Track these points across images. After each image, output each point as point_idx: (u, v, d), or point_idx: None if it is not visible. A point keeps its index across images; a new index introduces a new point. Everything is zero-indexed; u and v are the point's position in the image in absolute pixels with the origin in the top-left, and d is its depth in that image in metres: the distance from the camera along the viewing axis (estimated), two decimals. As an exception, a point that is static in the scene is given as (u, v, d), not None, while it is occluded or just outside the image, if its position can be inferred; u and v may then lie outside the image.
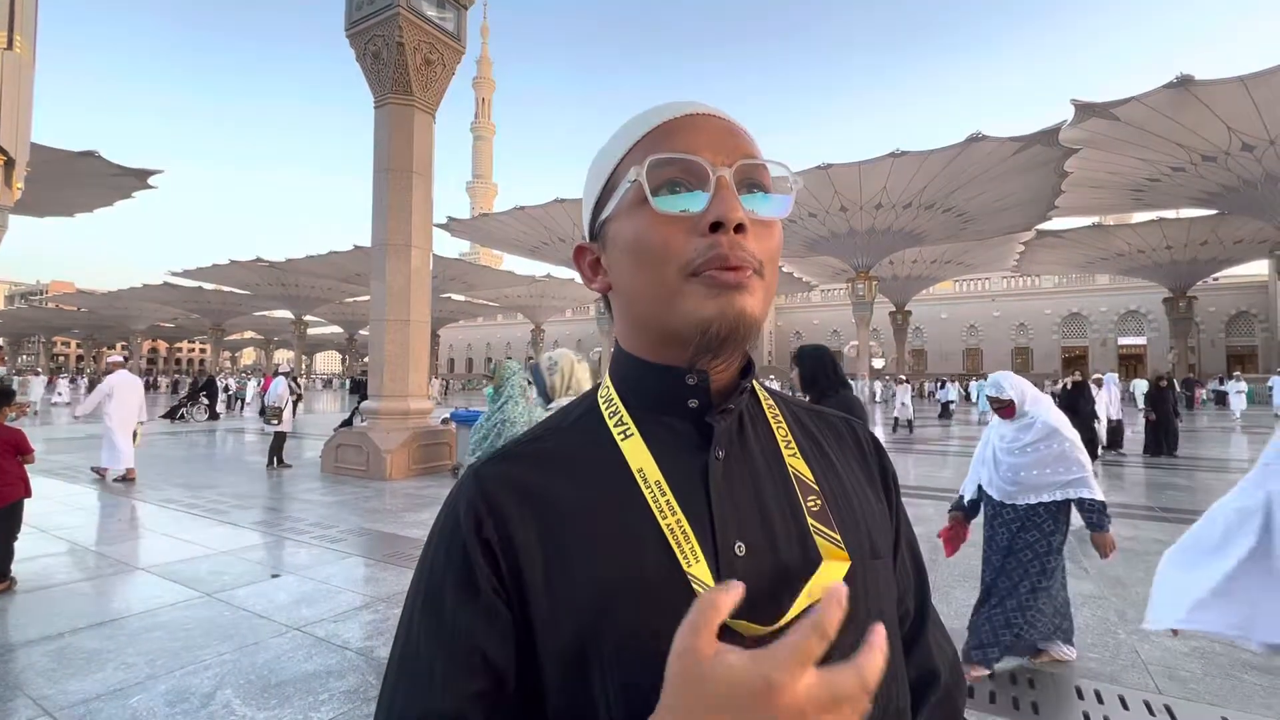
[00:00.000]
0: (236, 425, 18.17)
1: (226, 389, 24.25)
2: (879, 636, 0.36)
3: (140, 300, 54.24)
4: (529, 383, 3.12)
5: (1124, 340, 47.39)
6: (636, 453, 0.52)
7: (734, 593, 0.37)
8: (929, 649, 0.60)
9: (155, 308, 57.36)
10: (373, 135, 9.62)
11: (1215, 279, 40.82)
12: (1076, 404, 9.42)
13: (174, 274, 46.18)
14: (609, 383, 0.58)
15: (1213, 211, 27.80)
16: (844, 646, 0.48)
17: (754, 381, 0.60)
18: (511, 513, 0.50)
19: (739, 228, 0.48)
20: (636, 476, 0.51)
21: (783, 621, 0.46)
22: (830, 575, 0.49)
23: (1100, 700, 2.80)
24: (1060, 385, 9.86)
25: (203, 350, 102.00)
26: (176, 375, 58.35)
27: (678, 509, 0.49)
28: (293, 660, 3.12)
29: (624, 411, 0.55)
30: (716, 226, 0.48)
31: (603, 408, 0.57)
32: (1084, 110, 21.53)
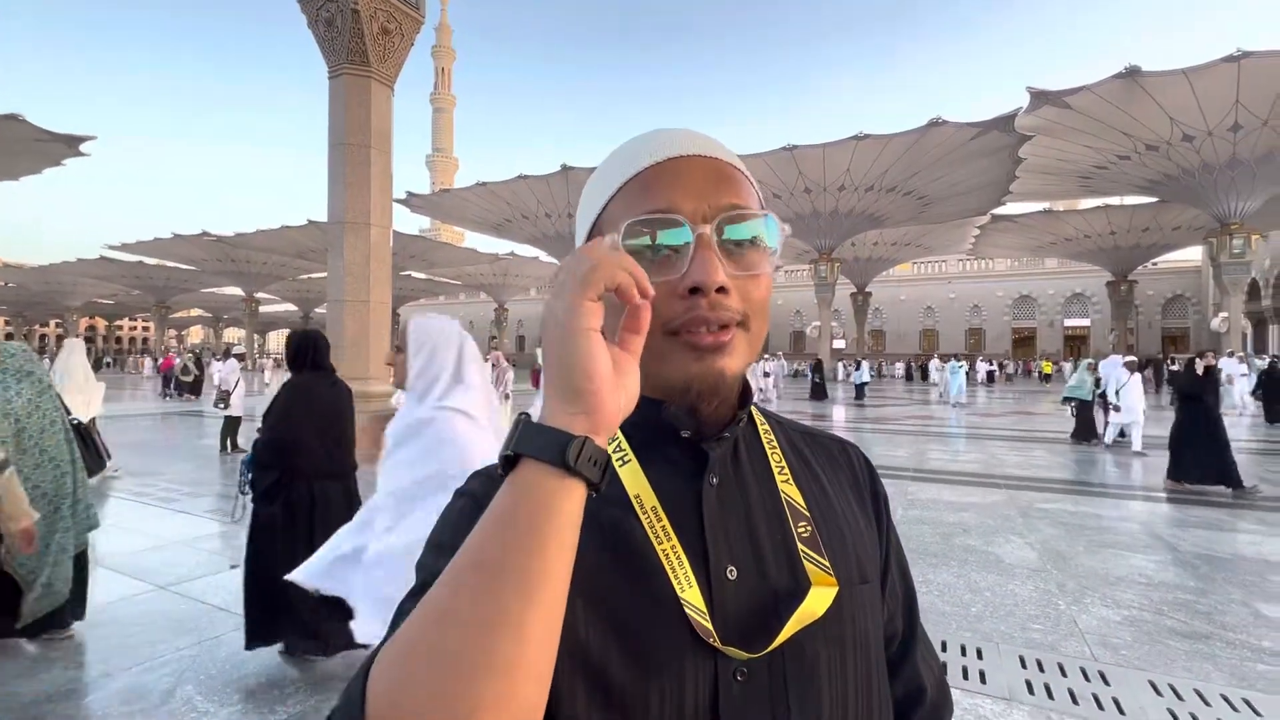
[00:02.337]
0: (183, 408, 17.47)
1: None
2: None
3: (75, 275, 51.17)
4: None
5: (1069, 321, 49.57)
6: (634, 479, 0.53)
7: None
8: (917, 666, 0.62)
9: (92, 283, 54.18)
10: (327, 107, 9.21)
11: (1154, 264, 42.91)
12: (1203, 393, 7.45)
13: (111, 248, 43.66)
14: None
15: (1154, 199, 29.12)
16: (832, 670, 0.51)
17: (751, 407, 0.60)
18: None
19: (720, 289, 0.48)
20: (633, 502, 0.52)
21: (772, 647, 0.48)
22: (818, 601, 0.50)
23: (1041, 669, 2.98)
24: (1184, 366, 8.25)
25: (146, 328, 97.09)
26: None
27: (672, 535, 0.50)
28: (256, 654, 3.06)
29: (622, 438, 0.55)
30: (695, 290, 0.48)
31: None
32: (1039, 98, 22.13)
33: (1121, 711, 2.61)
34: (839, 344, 44.38)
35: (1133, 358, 10.43)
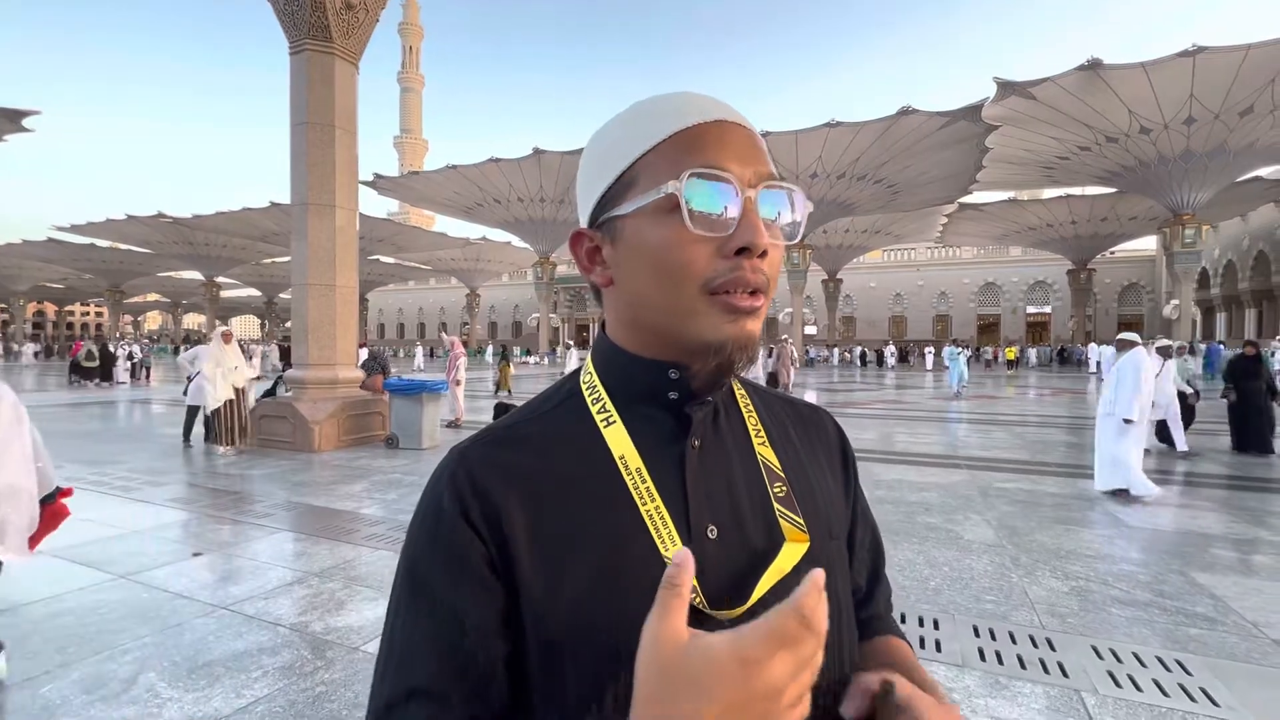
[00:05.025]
0: (144, 396, 16.91)
1: (130, 356, 22.48)
2: (818, 576, 0.38)
3: (19, 258, 48.77)
4: None
5: (1031, 309, 51.03)
6: (618, 440, 0.54)
7: (688, 569, 0.38)
8: (876, 601, 0.68)
9: (39, 266, 51.76)
10: (289, 84, 8.92)
11: (1111, 253, 44.41)
12: (1255, 375, 8.44)
13: (60, 229, 41.73)
14: (592, 369, 0.59)
15: (1112, 190, 30.04)
16: None
17: None
18: (498, 494, 0.51)
19: (762, 253, 0.50)
20: (618, 463, 0.53)
21: (751, 602, 0.50)
22: (788, 558, 0.53)
23: (993, 637, 3.13)
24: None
25: (99, 313, 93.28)
26: None
27: (656, 495, 0.52)
28: (221, 640, 3.03)
29: (607, 399, 0.56)
30: (741, 251, 0.49)
31: (586, 395, 0.58)
32: (1005, 88, 22.58)
33: (1065, 674, 2.75)
34: (810, 330, 44.97)
35: (1167, 341, 8.95)
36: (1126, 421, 6.02)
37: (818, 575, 0.38)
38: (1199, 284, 38.44)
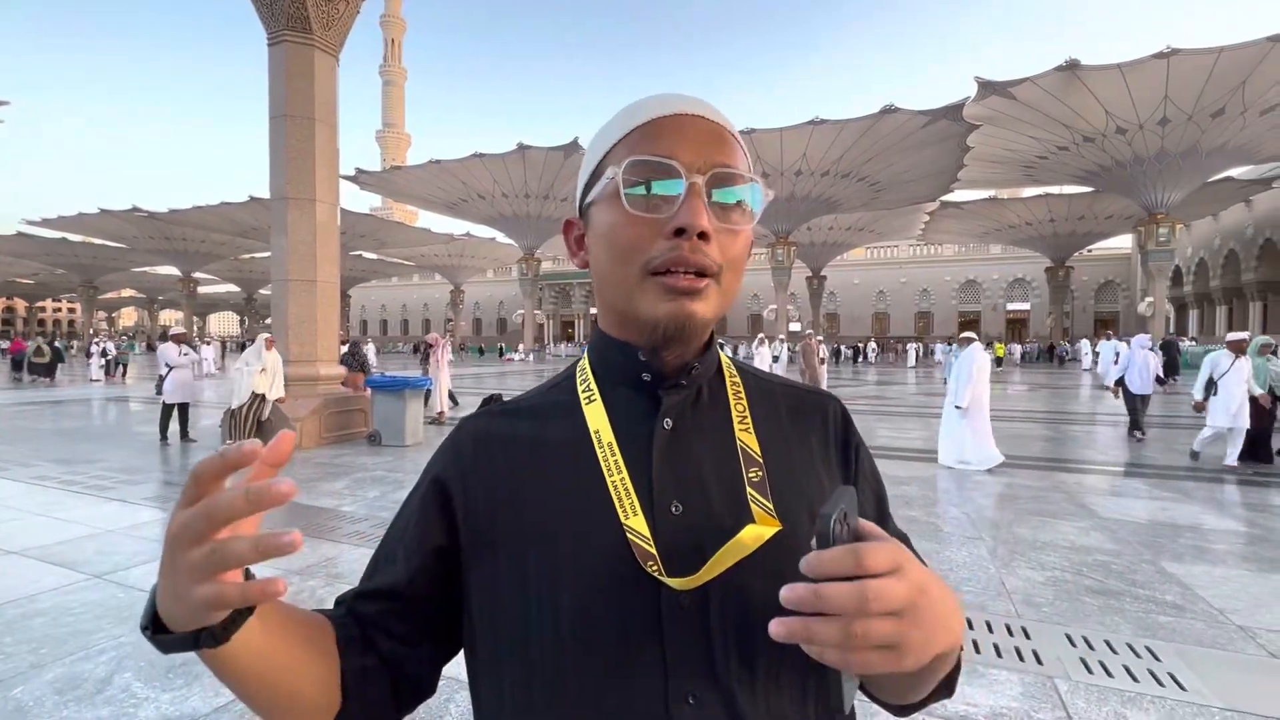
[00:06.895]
0: (119, 393, 16.56)
1: (105, 353, 22.01)
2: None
3: (-12, 252, 47.49)
4: None
5: (1011, 306, 51.82)
6: (595, 415, 0.59)
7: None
8: None
9: (8, 261, 50.42)
10: (267, 76, 8.77)
11: (1089, 251, 45.21)
12: None
13: (30, 223, 40.67)
14: (586, 353, 0.65)
15: (1090, 189, 30.57)
16: (769, 604, 0.52)
17: (724, 357, 0.65)
18: (473, 457, 0.60)
19: (702, 235, 0.51)
20: (592, 436, 0.57)
21: (702, 573, 0.51)
22: (750, 536, 0.53)
23: (971, 626, 3.19)
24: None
25: (72, 309, 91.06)
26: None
27: (624, 468, 0.55)
28: (199, 639, 2.99)
29: (592, 380, 0.61)
30: (680, 232, 0.51)
31: (578, 375, 0.63)
32: (985, 88, 22.87)
33: (1040, 662, 2.82)
34: (794, 326, 45.30)
35: (1240, 335, 7.48)
36: (958, 408, 7.07)
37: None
38: (1172, 281, 39.30)
